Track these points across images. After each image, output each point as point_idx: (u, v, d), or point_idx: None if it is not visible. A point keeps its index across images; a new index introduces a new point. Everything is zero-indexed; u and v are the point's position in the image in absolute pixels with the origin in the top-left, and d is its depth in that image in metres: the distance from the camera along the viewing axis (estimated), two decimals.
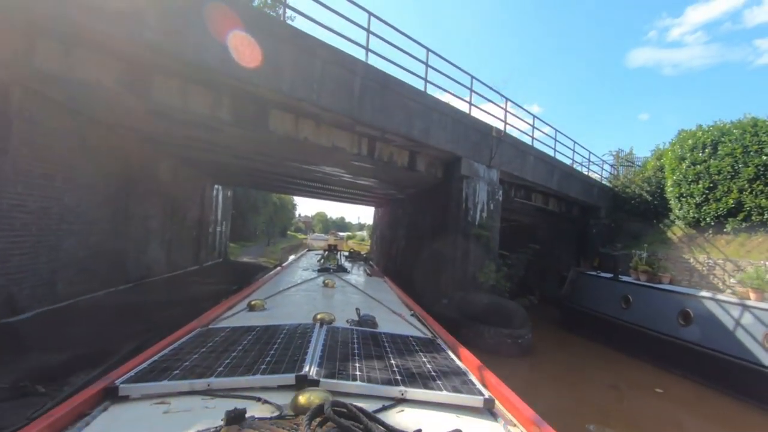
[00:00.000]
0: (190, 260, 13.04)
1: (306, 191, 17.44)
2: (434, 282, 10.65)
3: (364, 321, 2.52)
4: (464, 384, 1.61)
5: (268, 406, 1.28)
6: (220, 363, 1.63)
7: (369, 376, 1.55)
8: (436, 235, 10.95)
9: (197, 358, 1.73)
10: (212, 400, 1.36)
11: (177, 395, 1.39)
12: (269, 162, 10.50)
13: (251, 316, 2.73)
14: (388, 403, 1.40)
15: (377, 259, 20.93)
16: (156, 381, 1.46)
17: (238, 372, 1.53)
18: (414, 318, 3.18)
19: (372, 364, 1.71)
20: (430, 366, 1.80)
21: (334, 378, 1.49)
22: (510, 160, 11.34)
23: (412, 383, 1.53)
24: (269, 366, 1.59)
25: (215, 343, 1.95)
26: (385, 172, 10.45)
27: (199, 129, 7.34)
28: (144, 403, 1.36)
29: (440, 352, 2.10)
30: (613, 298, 9.84)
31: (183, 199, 11.99)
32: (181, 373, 1.53)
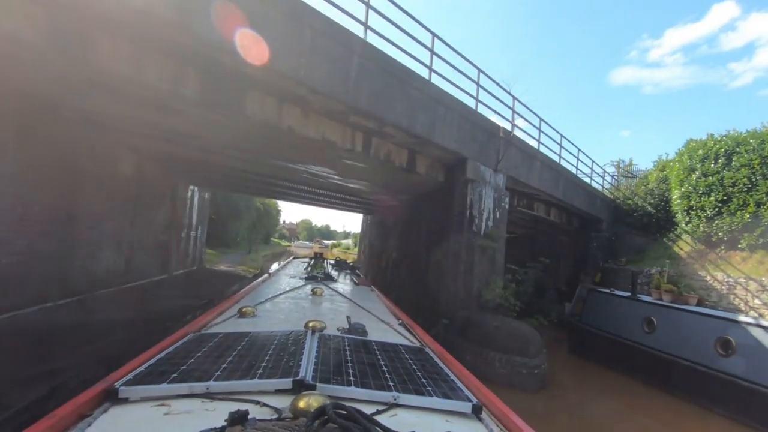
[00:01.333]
0: (156, 268, 11.56)
1: (290, 195, 16.11)
2: (432, 299, 9.45)
3: (354, 329, 2.54)
4: (453, 390, 1.69)
5: (267, 409, 1.32)
6: (217, 367, 1.64)
7: (363, 382, 1.59)
8: (435, 246, 9.78)
9: (193, 362, 1.73)
10: (212, 403, 1.38)
11: (176, 398, 1.41)
12: (248, 159, 9.22)
13: (242, 322, 2.75)
14: (382, 407, 1.45)
15: (365, 270, 19.65)
16: (155, 384, 1.47)
17: (235, 376, 1.55)
18: (402, 327, 3.20)
19: (365, 370, 1.75)
20: (420, 373, 1.85)
21: (330, 383, 1.52)
22: (517, 165, 10.29)
23: (404, 389, 1.57)
24: (266, 371, 1.62)
25: (210, 348, 1.96)
26: (381, 173, 9.27)
27: (160, 111, 6.06)
28: (144, 405, 1.38)
29: (429, 360, 2.15)
30: (632, 320, 8.78)
31: (149, 199, 10.57)
32: (179, 376, 1.54)
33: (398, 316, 3.76)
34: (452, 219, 9.16)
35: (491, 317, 8.01)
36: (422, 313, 9.90)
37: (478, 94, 9.21)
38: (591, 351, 9.60)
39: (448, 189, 9.50)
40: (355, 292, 4.97)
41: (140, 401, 1.41)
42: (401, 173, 9.04)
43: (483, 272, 9.01)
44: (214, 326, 2.62)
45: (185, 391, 1.44)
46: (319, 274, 5.80)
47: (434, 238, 10.02)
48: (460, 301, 8.73)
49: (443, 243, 9.36)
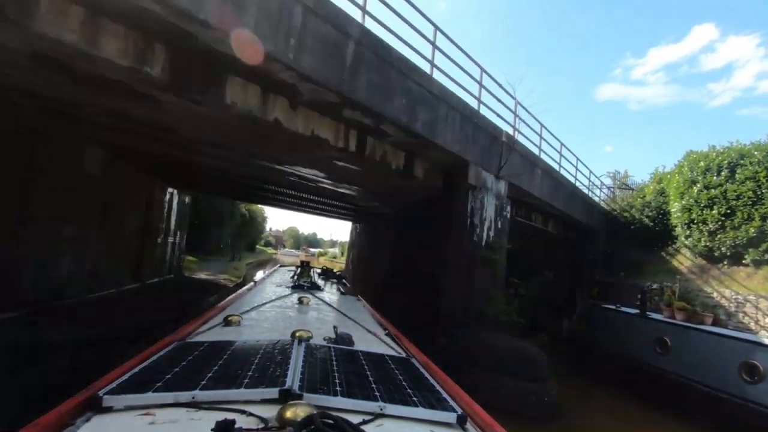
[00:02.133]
0: (128, 277, 10.60)
1: (277, 200, 15.28)
2: (429, 315, 8.71)
3: (341, 339, 2.53)
4: (438, 401, 1.68)
5: (253, 419, 1.31)
6: (202, 376, 1.62)
7: (349, 392, 1.58)
8: (431, 258, 9.07)
9: (179, 371, 1.71)
10: (197, 412, 1.37)
11: (161, 407, 1.39)
12: (231, 158, 8.42)
13: (228, 330, 2.70)
14: (368, 417, 1.44)
15: (353, 280, 18.79)
16: (140, 393, 1.45)
17: (221, 385, 1.54)
18: (388, 337, 3.19)
19: (351, 380, 1.74)
20: (406, 383, 1.85)
21: (316, 393, 1.52)
22: (518, 172, 9.69)
23: (390, 399, 1.57)
24: (252, 380, 1.61)
25: (195, 357, 1.93)
26: (375, 177, 8.56)
27: (126, 98, 5.26)
28: (128, 414, 1.36)
29: (415, 370, 2.14)
30: (643, 339, 8.17)
31: (119, 201, 9.66)
32: (164, 385, 1.52)
33: (385, 326, 3.78)
34: (451, 228, 8.47)
35: (495, 337, 7.29)
36: (417, 331, 9.12)
37: (481, 94, 8.62)
38: (596, 372, 8.95)
39: (446, 196, 8.84)
40: (342, 301, 4.94)
41: (124, 410, 1.39)
42: (397, 177, 8.34)
43: (484, 286, 8.32)
44: (200, 335, 2.55)
45: (170, 401, 1.42)
46: (305, 282, 5.63)
47: (430, 249, 9.32)
48: (460, 317, 8.01)
49: (441, 254, 8.66)
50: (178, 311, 8.31)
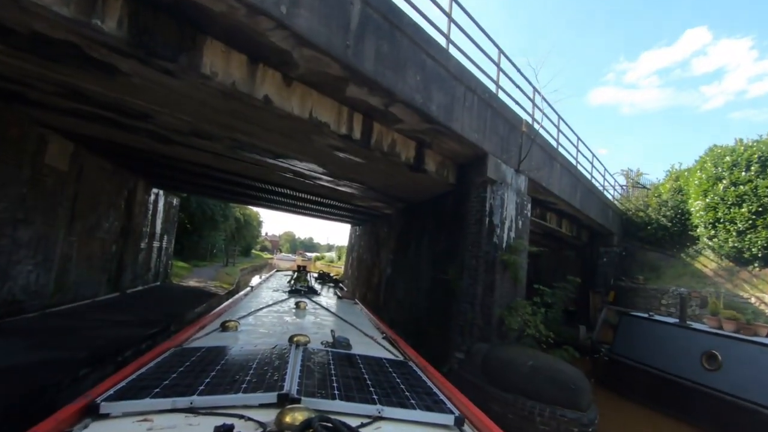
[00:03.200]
0: (103, 286, 9.53)
1: (270, 202, 14.25)
2: (441, 327, 7.73)
3: (338, 343, 2.51)
4: (436, 403, 1.69)
5: (252, 423, 1.30)
6: (200, 382, 1.61)
7: (347, 396, 1.58)
8: (443, 263, 8.10)
9: (176, 377, 1.69)
10: (195, 418, 1.35)
11: (159, 413, 1.38)
12: (216, 151, 7.42)
13: (225, 336, 2.66)
14: (366, 420, 1.44)
15: (353, 286, 17.80)
16: (137, 399, 1.44)
17: (219, 390, 1.53)
18: (386, 341, 3.19)
19: (349, 384, 1.73)
20: (404, 386, 1.84)
21: (314, 397, 1.51)
22: (538, 166, 8.75)
23: (388, 402, 1.57)
24: (250, 385, 1.60)
25: (192, 363, 1.91)
26: (381, 172, 7.58)
27: (76, 66, 4.26)
28: (125, 420, 1.36)
29: (412, 373, 2.14)
30: (686, 353, 7.21)
31: (92, 200, 8.62)
32: (162, 391, 1.51)
33: (382, 329, 3.80)
34: (467, 229, 7.50)
35: (522, 352, 6.30)
36: (427, 344, 8.14)
37: (499, 78, 7.67)
38: (629, 388, 7.97)
39: (461, 193, 7.87)
40: (339, 305, 4.88)
41: (122, 417, 1.38)
42: (405, 172, 7.37)
43: (505, 294, 7.34)
44: (197, 340, 2.56)
45: (168, 406, 1.41)
46: (302, 287, 5.55)
47: (442, 253, 8.34)
48: (478, 330, 7.02)
49: (454, 258, 7.68)
50: (157, 324, 7.27)
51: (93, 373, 4.81)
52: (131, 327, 6.83)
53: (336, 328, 3.11)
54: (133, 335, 6.29)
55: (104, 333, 6.19)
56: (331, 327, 3.13)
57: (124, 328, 6.65)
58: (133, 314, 8.02)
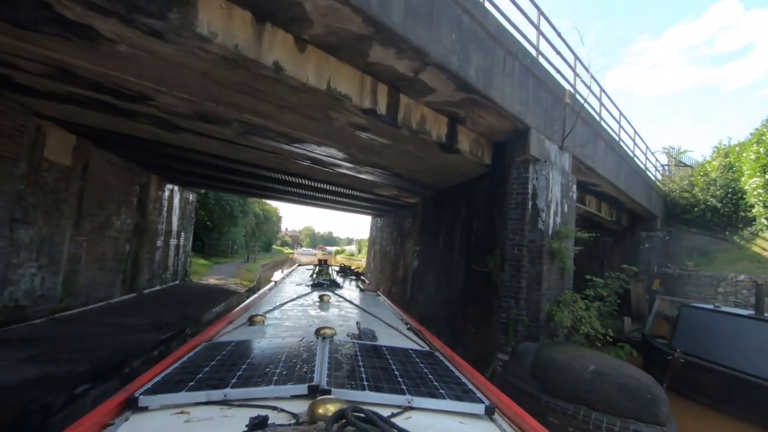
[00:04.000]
0: (117, 287, 9.09)
1: (288, 195, 13.63)
2: (480, 325, 6.94)
3: (364, 335, 2.50)
4: (465, 393, 1.68)
5: (284, 414, 1.32)
6: (232, 375, 1.65)
7: (376, 386, 1.58)
8: (479, 253, 7.29)
9: (209, 370, 1.73)
10: (230, 410, 1.38)
11: (195, 405, 1.41)
12: (227, 138, 6.77)
13: (253, 330, 2.70)
14: (396, 410, 1.44)
15: (377, 280, 17.14)
16: (173, 392, 1.47)
17: (251, 383, 1.56)
18: (411, 332, 3.17)
19: (377, 375, 1.74)
20: (432, 376, 1.83)
21: (344, 388, 1.52)
22: (582, 144, 7.81)
23: (417, 393, 1.57)
24: (280, 377, 1.62)
25: (223, 357, 1.95)
26: (408, 154, 6.79)
27: (53, 32, 3.61)
28: (163, 413, 1.38)
29: (440, 363, 2.14)
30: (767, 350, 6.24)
31: (101, 197, 8.12)
32: (196, 384, 1.54)
33: (406, 320, 3.81)
34: (506, 215, 6.66)
35: (579, 354, 5.47)
36: (464, 343, 7.39)
37: (539, 43, 6.75)
38: (696, 389, 7.04)
39: (497, 175, 7.02)
40: (362, 298, 4.89)
41: (160, 410, 1.40)
42: (435, 153, 6.58)
43: (553, 286, 6.50)
44: (226, 334, 2.60)
45: (203, 399, 1.44)
46: (325, 281, 5.61)
47: (478, 243, 7.53)
48: (523, 327, 6.21)
49: (493, 248, 6.85)
50: (171, 328, 6.72)
51: (93, 389, 4.24)
52: (143, 332, 6.29)
53: (360, 320, 3.11)
54: (143, 342, 5.73)
55: (112, 340, 5.65)
56: (355, 319, 3.14)
57: (135, 334, 6.11)
58: (147, 317, 7.51)
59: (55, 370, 4.30)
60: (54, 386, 3.93)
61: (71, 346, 5.16)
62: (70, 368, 4.38)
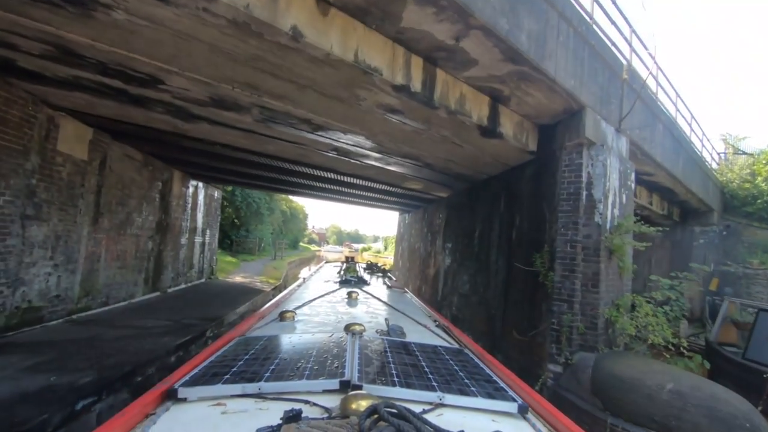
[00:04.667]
0: (140, 286, 8.83)
1: (314, 190, 13.16)
2: (525, 330, 6.20)
3: (393, 331, 2.50)
4: (497, 391, 1.66)
5: (317, 408, 1.35)
6: (265, 369, 1.68)
7: (407, 383, 1.58)
8: (523, 250, 6.55)
9: (243, 364, 1.77)
10: (264, 402, 1.42)
11: (231, 397, 1.45)
12: (243, 123, 6.28)
13: (284, 326, 2.75)
14: (428, 407, 1.44)
15: (405, 279, 16.52)
16: (210, 384, 1.52)
17: (283, 377, 1.59)
18: (439, 329, 3.16)
19: (407, 371, 1.74)
20: (462, 374, 1.82)
21: (375, 384, 1.53)
22: (639, 126, 6.91)
23: (448, 390, 1.56)
24: (312, 372, 1.65)
25: (257, 351, 1.99)
26: (442, 141, 6.11)
27: None
28: (201, 404, 1.43)
29: (470, 361, 2.12)
30: None
31: (120, 193, 7.83)
32: (231, 377, 1.58)
33: (434, 317, 3.81)
34: (555, 207, 5.88)
35: (647, 366, 4.66)
36: (506, 350, 6.66)
37: (593, 10, 5.91)
38: None
39: (543, 162, 6.25)
40: (390, 295, 4.87)
41: (198, 401, 1.44)
42: (474, 138, 5.88)
43: (611, 288, 5.70)
44: (258, 330, 2.65)
45: (239, 392, 1.48)
46: (352, 277, 5.55)
47: (520, 239, 6.78)
48: (578, 335, 5.44)
49: (540, 244, 6.09)
50: (191, 330, 6.32)
51: (98, 403, 3.80)
52: (160, 335, 5.90)
53: (389, 316, 3.10)
54: (159, 347, 5.31)
55: (126, 345, 5.26)
56: (383, 316, 3.15)
57: (152, 338, 5.72)
58: (167, 318, 7.16)
59: (58, 381, 3.89)
60: (53, 400, 3.51)
61: (81, 352, 4.78)
62: (75, 378, 3.97)
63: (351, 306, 3.70)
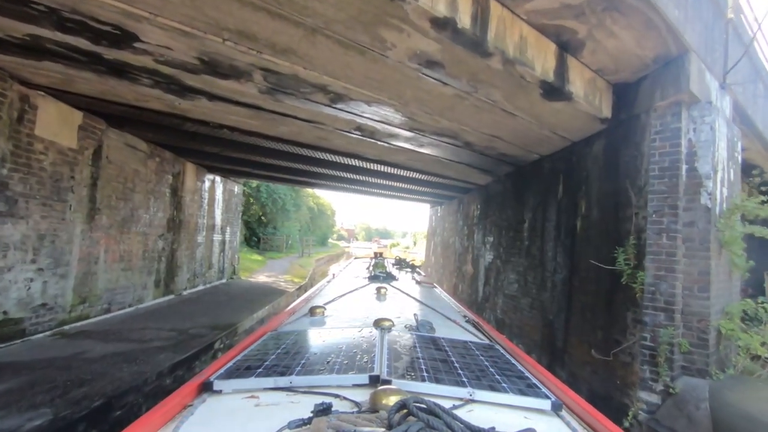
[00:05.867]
0: (150, 289, 8.05)
1: (336, 181, 12.08)
2: (602, 346, 4.88)
3: (422, 326, 2.47)
4: (529, 387, 1.61)
5: (347, 402, 1.36)
6: (296, 363, 1.70)
7: (437, 378, 1.56)
8: (593, 244, 5.24)
9: (274, 358, 1.79)
10: (295, 396, 1.44)
11: (263, 390, 1.48)
12: (246, 96, 5.25)
13: (314, 320, 2.79)
14: (458, 403, 1.41)
15: (439, 276, 15.31)
16: (244, 378, 1.55)
17: (314, 371, 1.60)
18: (469, 324, 3.12)
19: (437, 366, 1.72)
20: (493, 370, 1.78)
21: (404, 379, 1.51)
22: (743, 83, 5.42)
23: (479, 385, 1.53)
24: (342, 366, 1.65)
25: (288, 345, 2.01)
26: (491, 109, 4.86)
27: None
28: (236, 396, 1.45)
29: (501, 357, 2.06)
30: None
31: (122, 187, 7.02)
32: (264, 371, 1.61)
33: (464, 312, 3.73)
34: (642, 188, 4.54)
35: None
36: (572, 368, 5.38)
37: None
38: None
39: (624, 130, 4.90)
40: (418, 290, 4.86)
41: (232, 393, 1.47)
42: (533, 101, 4.63)
43: (722, 293, 4.32)
44: (289, 324, 2.69)
45: (271, 385, 1.50)
46: (381, 273, 5.47)
47: (589, 229, 5.46)
48: (680, 354, 4.11)
49: (622, 236, 4.76)
50: (193, 344, 5.38)
51: None
52: (157, 350, 4.98)
53: (418, 312, 3.08)
54: (150, 368, 4.36)
55: (109, 368, 4.34)
56: (412, 311, 3.11)
57: (145, 355, 4.79)
58: (173, 326, 6.28)
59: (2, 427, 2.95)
60: None
61: (51, 378, 3.88)
62: (21, 421, 3.03)
63: (380, 301, 3.72)
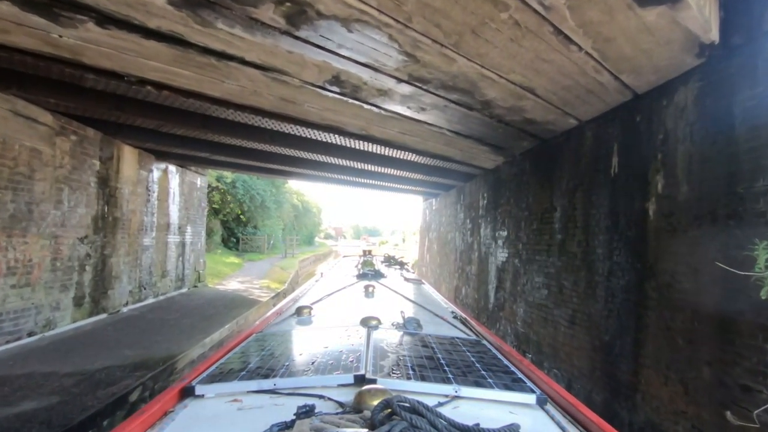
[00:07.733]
0: (65, 310, 6.11)
1: (312, 168, 10.17)
2: (711, 390, 3.14)
3: (409, 324, 2.47)
4: (515, 382, 1.63)
5: (331, 403, 1.35)
6: (281, 365, 1.72)
7: (422, 375, 1.58)
8: (694, 234, 3.51)
9: (259, 360, 1.81)
10: (279, 398, 1.43)
11: (247, 394, 1.47)
12: (152, 12, 3.37)
13: (301, 321, 2.80)
14: (443, 400, 1.42)
15: (436, 277, 13.60)
16: (226, 381, 1.55)
17: (298, 373, 1.63)
18: (457, 320, 3.17)
19: (423, 364, 1.73)
20: (479, 365, 1.79)
21: (390, 377, 1.53)
22: None
23: (464, 382, 1.54)
24: (327, 367, 1.65)
25: (272, 347, 2.01)
26: (537, 35, 3.08)
27: None
28: (218, 400, 1.45)
29: (487, 352, 2.08)
30: None
31: (10, 172, 5.05)
32: (247, 374, 1.61)
33: (451, 309, 3.78)
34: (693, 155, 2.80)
35: None
36: (655, 421, 3.65)
37: None
38: None
39: (742, 61, 3.16)
40: (407, 287, 4.93)
41: (215, 397, 1.46)
42: (618, 6, 2.85)
43: None
44: (275, 326, 2.68)
45: (254, 388, 1.50)
46: (369, 271, 5.51)
47: (673, 219, 3.73)
48: None
49: (746, 223, 3.03)
50: (96, 400, 3.51)
51: None
52: (24, 422, 3.08)
53: (405, 309, 3.09)
54: None
55: None
56: (400, 308, 3.06)
57: None
58: (74, 369, 4.41)
59: None
60: None
61: None
62: None
63: (368, 299, 3.75)
